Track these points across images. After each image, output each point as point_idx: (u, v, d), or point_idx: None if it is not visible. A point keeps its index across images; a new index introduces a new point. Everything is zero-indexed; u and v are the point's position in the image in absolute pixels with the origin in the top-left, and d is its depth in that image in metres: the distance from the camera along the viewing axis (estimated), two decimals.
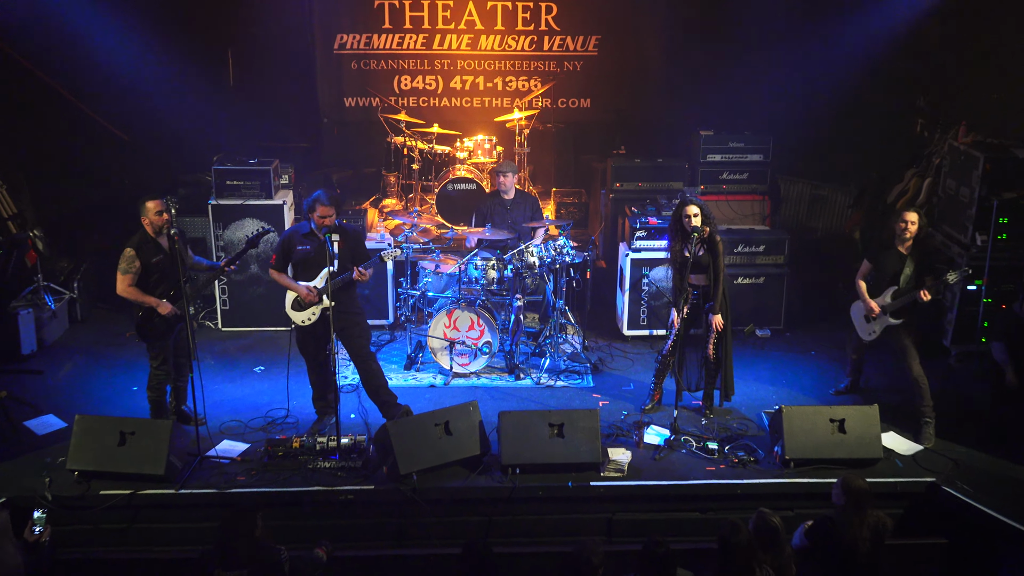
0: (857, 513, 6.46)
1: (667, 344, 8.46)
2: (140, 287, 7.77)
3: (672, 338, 8.40)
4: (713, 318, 8.24)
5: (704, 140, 11.26)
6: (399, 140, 11.95)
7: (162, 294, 7.82)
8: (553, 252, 9.36)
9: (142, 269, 7.74)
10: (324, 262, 7.77)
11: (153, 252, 7.78)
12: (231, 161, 10.42)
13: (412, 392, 9.02)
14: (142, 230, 7.79)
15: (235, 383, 9.24)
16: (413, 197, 11.99)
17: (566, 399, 8.97)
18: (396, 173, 12.17)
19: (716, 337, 8.34)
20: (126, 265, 7.73)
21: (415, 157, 11.85)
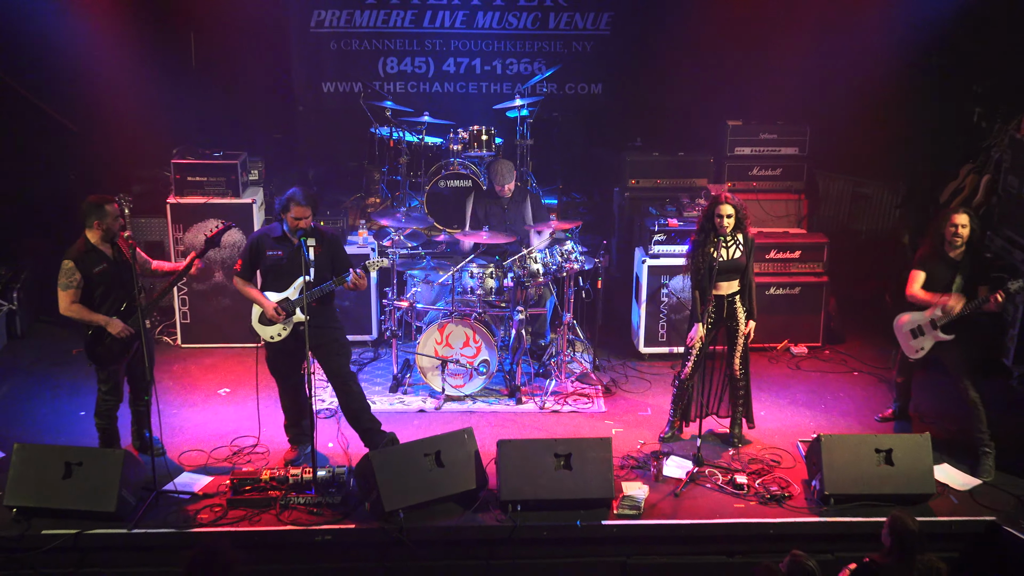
0: (906, 557, 6.44)
1: (687, 362, 8.46)
2: (84, 303, 7.75)
3: (692, 359, 8.40)
4: (749, 323, 8.28)
5: (732, 131, 11.27)
6: (385, 130, 11.96)
7: (111, 309, 7.80)
8: (559, 258, 9.37)
9: (84, 282, 7.72)
10: (298, 270, 7.77)
11: (95, 261, 7.73)
12: (192, 154, 10.43)
13: (398, 418, 9.01)
14: (82, 237, 7.76)
15: (196, 407, 9.23)
16: (400, 195, 11.99)
17: (574, 426, 8.97)
18: (381, 168, 12.18)
19: (741, 352, 8.34)
20: (66, 280, 7.70)
21: (402, 150, 11.86)
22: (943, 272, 8.21)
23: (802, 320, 10.32)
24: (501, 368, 9.60)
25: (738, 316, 8.32)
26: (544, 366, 9.78)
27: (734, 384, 8.49)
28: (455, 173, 11.50)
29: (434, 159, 11.98)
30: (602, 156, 12.56)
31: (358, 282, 7.87)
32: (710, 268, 8.16)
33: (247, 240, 8.18)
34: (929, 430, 7.97)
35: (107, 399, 8.01)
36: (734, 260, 8.19)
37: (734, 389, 8.51)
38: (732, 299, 8.31)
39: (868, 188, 12.07)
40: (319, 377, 9.20)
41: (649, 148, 11.58)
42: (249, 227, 10.18)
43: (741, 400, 8.55)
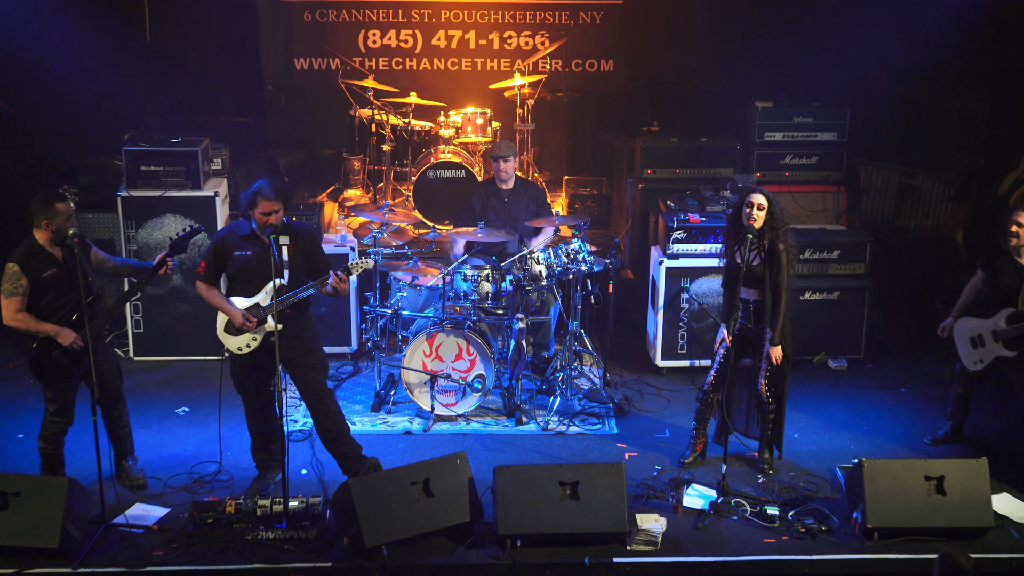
0: None
1: (710, 376, 8.47)
2: (30, 312, 7.74)
3: (716, 367, 8.42)
4: (771, 349, 8.27)
5: (761, 114, 11.30)
6: (365, 113, 11.99)
7: (62, 319, 7.79)
8: (565, 259, 9.38)
9: (31, 289, 7.71)
10: (269, 273, 7.77)
11: (44, 266, 7.73)
12: (147, 140, 10.44)
13: (382, 441, 9.02)
14: (29, 238, 7.75)
15: (151, 429, 9.23)
16: (384, 187, 12.02)
17: (582, 450, 8.98)
18: (362, 156, 12.21)
19: (769, 371, 8.36)
20: (11, 286, 7.68)
21: (386, 135, 11.88)
22: (1009, 277, 8.21)
23: (841, 329, 10.34)
24: (498, 384, 9.60)
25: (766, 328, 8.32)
26: (547, 382, 9.79)
27: (761, 407, 8.50)
28: (446, 162, 11.52)
29: (422, 146, 12.00)
30: (613, 142, 12.59)
31: (339, 286, 7.87)
32: (733, 271, 8.18)
33: (211, 239, 8.17)
34: (987, 454, 7.96)
35: (55, 420, 8.00)
36: (752, 267, 8.18)
37: (763, 409, 8.51)
38: (760, 307, 8.32)
39: (917, 179, 12.08)
40: (291, 394, 9.20)
41: (667, 133, 11.60)
42: (212, 224, 10.19)
43: (771, 422, 8.56)
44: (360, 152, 12.21)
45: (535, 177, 12.14)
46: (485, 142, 11.90)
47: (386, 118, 11.85)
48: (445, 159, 11.53)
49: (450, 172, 11.52)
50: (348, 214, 11.65)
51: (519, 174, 10.42)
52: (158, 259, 7.98)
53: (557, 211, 10.97)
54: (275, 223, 7.81)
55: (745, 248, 8.10)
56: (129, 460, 8.36)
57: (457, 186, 11.45)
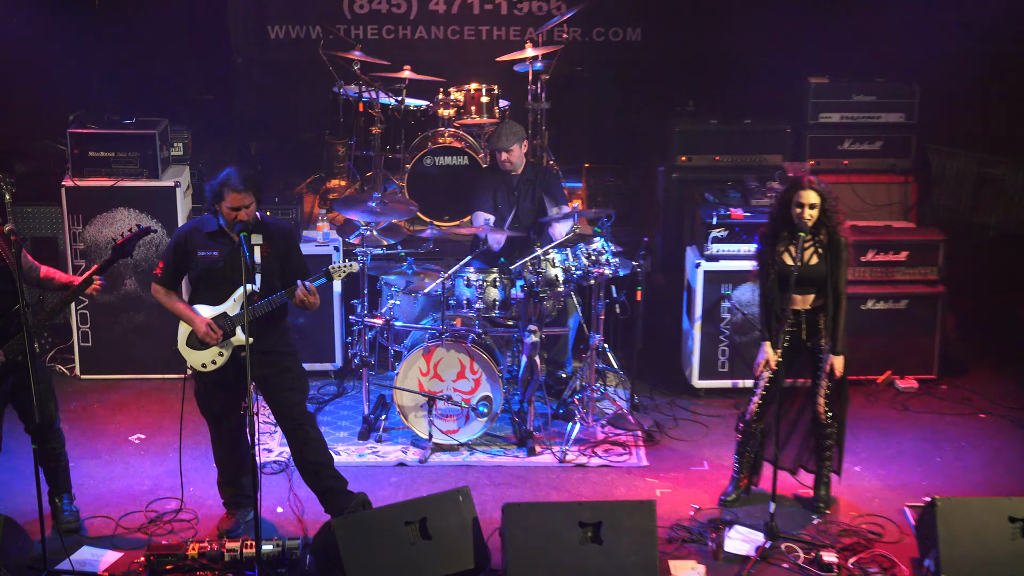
0: None
1: (752, 403, 8.47)
2: None
3: (760, 392, 8.40)
4: (832, 360, 8.26)
5: (815, 91, 11.29)
6: (352, 90, 11.98)
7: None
8: (585, 260, 9.37)
9: None
10: (239, 277, 7.77)
11: None
12: (95, 122, 10.46)
13: (371, 473, 9.02)
14: None
15: (100, 458, 9.25)
16: (373, 177, 12.01)
17: (606, 485, 8.97)
18: (347, 140, 12.20)
19: (829, 389, 8.35)
20: None
21: (376, 116, 11.88)
22: None
23: (910, 344, 10.33)
24: (507, 408, 9.60)
25: (821, 342, 8.31)
26: (565, 405, 9.79)
27: (819, 431, 8.48)
28: (446, 147, 11.52)
29: (418, 128, 11.99)
30: (642, 124, 12.57)
31: (306, 299, 7.86)
32: (783, 274, 8.16)
33: (172, 237, 8.17)
34: None
35: None
36: (809, 267, 8.18)
37: (819, 437, 8.49)
38: (814, 316, 8.31)
39: (998, 168, 12.03)
40: (266, 419, 9.20)
41: (705, 114, 11.59)
42: (172, 221, 10.20)
43: (828, 453, 8.54)
44: (345, 136, 12.20)
45: (550, 164, 12.12)
46: (492, 123, 11.87)
47: (375, 96, 11.84)
48: (445, 144, 11.52)
49: (450, 159, 11.52)
50: (331, 208, 11.64)
51: (531, 160, 10.39)
52: (85, 275, 7.92)
53: (576, 205, 10.96)
54: (246, 219, 7.80)
55: (798, 248, 8.08)
56: (65, 499, 8.33)
57: (459, 175, 11.44)
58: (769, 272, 8.25)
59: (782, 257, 8.21)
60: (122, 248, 7.97)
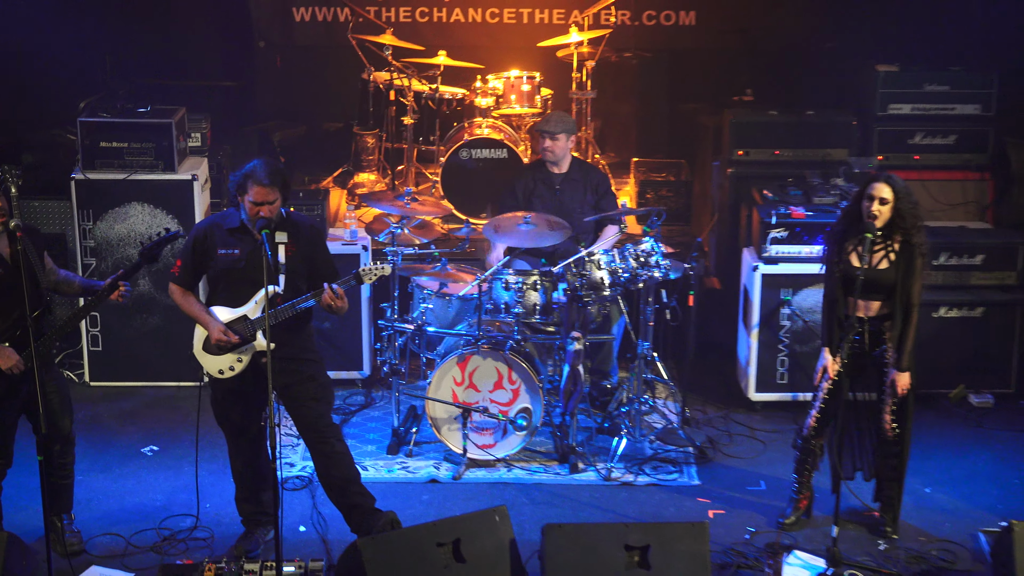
0: None
1: (810, 417, 8.43)
2: None
3: (819, 405, 8.38)
4: (897, 376, 8.23)
5: (884, 80, 11.25)
6: (382, 77, 12.01)
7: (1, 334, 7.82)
8: (633, 262, 9.36)
9: None
10: (260, 277, 7.78)
11: None
12: (108, 110, 10.51)
13: (401, 490, 9.03)
14: None
15: (110, 472, 9.28)
16: (404, 170, 12.03)
17: (654, 505, 8.95)
18: (377, 131, 12.23)
19: (896, 405, 8.32)
20: None
21: (408, 105, 11.90)
22: None
23: (986, 356, 10.27)
24: (548, 421, 9.60)
25: (887, 354, 8.27)
26: (610, 419, 9.78)
27: (885, 449, 8.45)
28: (483, 139, 11.52)
29: (453, 118, 12.01)
30: (695, 116, 12.56)
31: (334, 303, 7.85)
32: (848, 277, 8.14)
33: (190, 233, 8.19)
34: None
35: None
36: (877, 271, 8.14)
37: (886, 456, 8.46)
38: (879, 324, 8.27)
39: None
40: (288, 431, 9.22)
41: (763, 104, 11.57)
42: (188, 217, 10.25)
43: (895, 472, 8.51)
44: (375, 126, 12.23)
45: (595, 159, 12.13)
46: (533, 114, 11.89)
47: (408, 83, 11.86)
48: (482, 135, 11.53)
49: (488, 152, 11.52)
50: (360, 204, 11.68)
51: (576, 155, 10.40)
52: (109, 281, 7.95)
53: (624, 202, 10.96)
54: (268, 216, 7.81)
55: (865, 249, 8.05)
56: (64, 519, 8.35)
57: (497, 169, 11.45)
58: (834, 273, 8.23)
59: (849, 258, 8.17)
60: (148, 253, 8.04)
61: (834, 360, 8.23)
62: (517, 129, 11.84)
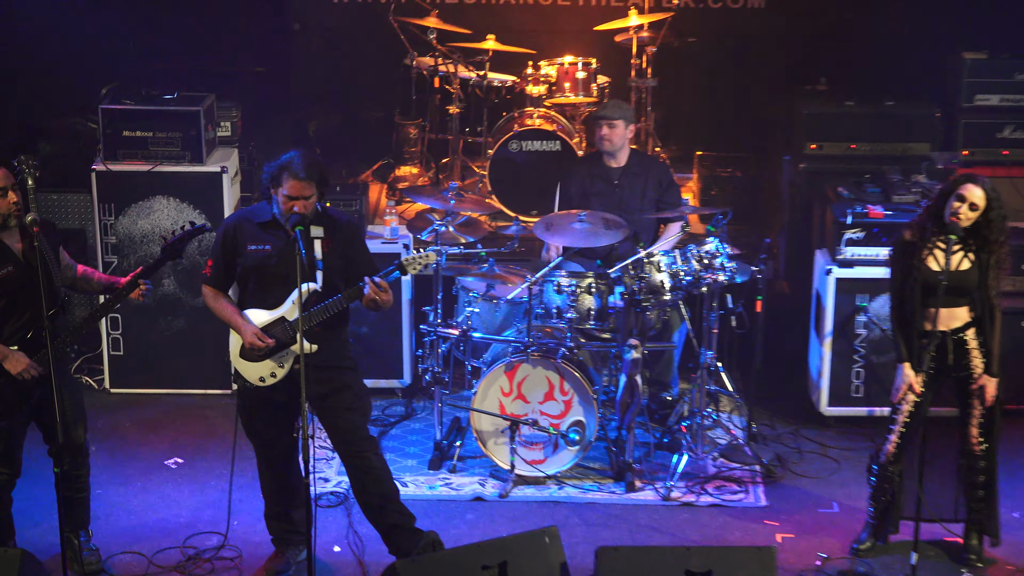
0: None
1: (891, 438, 8.38)
2: None
3: (900, 425, 8.32)
4: (986, 383, 8.17)
5: (970, 69, 11.19)
6: (426, 63, 12.03)
7: (14, 335, 7.87)
8: (696, 264, 9.34)
9: None
10: (294, 274, 7.78)
11: None
12: (132, 97, 10.56)
13: (443, 509, 9.05)
14: None
15: (131, 486, 9.33)
16: (450, 164, 12.05)
17: (717, 528, 8.94)
18: (420, 121, 12.25)
19: (982, 419, 8.27)
20: None
21: (454, 93, 11.92)
22: None
23: None
24: (603, 435, 9.59)
25: (972, 363, 8.22)
26: (670, 433, 9.77)
27: (971, 466, 8.40)
28: (535, 130, 11.52)
29: (502, 108, 12.01)
30: (764, 106, 12.54)
31: (378, 297, 7.82)
32: (928, 284, 8.09)
33: (219, 229, 8.21)
34: None
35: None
36: (960, 274, 8.09)
37: (971, 473, 8.41)
38: (961, 336, 8.22)
39: None
40: (321, 443, 9.24)
41: (839, 94, 11.51)
42: (217, 212, 10.30)
43: (981, 495, 8.46)
44: (418, 116, 12.25)
45: (656, 152, 12.11)
46: (588, 103, 11.88)
47: (454, 70, 11.88)
48: (533, 126, 11.53)
49: (540, 144, 11.52)
50: (401, 199, 11.70)
51: (634, 147, 10.38)
52: (128, 279, 7.98)
53: (686, 199, 10.94)
54: (304, 210, 7.81)
55: (947, 251, 8.00)
56: (82, 535, 8.37)
57: (549, 163, 11.44)
58: (909, 279, 8.17)
59: (926, 262, 8.11)
60: (172, 248, 8.01)
61: (915, 375, 8.17)
62: (571, 120, 11.84)
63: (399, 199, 11.72)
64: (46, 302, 7.61)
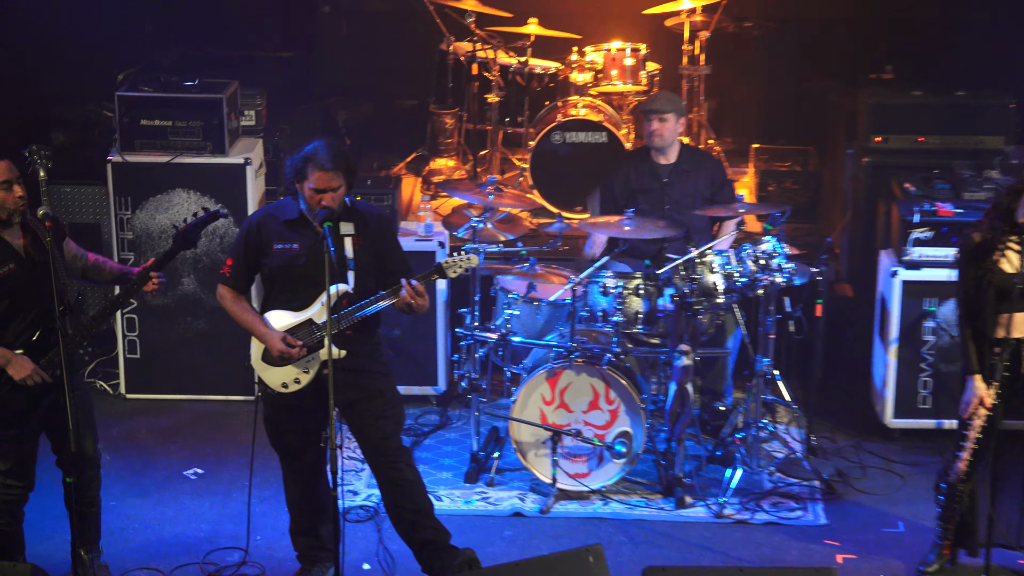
0: None
1: (962, 456, 8.35)
2: None
3: (972, 442, 8.30)
4: None
5: None
6: (463, 48, 12.04)
7: (18, 338, 7.87)
8: (752, 265, 9.32)
9: None
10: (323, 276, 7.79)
11: None
12: (151, 83, 10.60)
13: (480, 525, 9.06)
14: None
15: (150, 497, 9.37)
16: (488, 156, 12.06)
17: (773, 548, 8.91)
18: (457, 110, 12.26)
19: None
20: None
21: (493, 81, 11.92)
22: None
23: None
24: (651, 447, 9.59)
25: None
26: (724, 446, 9.75)
27: None
28: (579, 120, 11.52)
29: (545, 97, 12.02)
30: (826, 96, 12.52)
31: (414, 301, 7.82)
32: (1002, 288, 8.06)
33: (241, 226, 8.23)
34: None
35: (8, 485, 8.07)
36: None
37: None
38: None
39: None
40: (351, 454, 9.25)
41: (905, 83, 11.50)
42: (240, 206, 10.33)
43: None
44: (455, 104, 12.27)
45: (709, 145, 12.09)
46: (637, 92, 11.87)
47: (493, 56, 11.89)
48: (577, 116, 11.54)
49: (585, 135, 11.53)
50: (436, 194, 11.71)
51: (685, 140, 10.36)
52: (139, 271, 7.93)
53: (742, 195, 10.91)
54: (331, 205, 7.82)
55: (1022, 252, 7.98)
56: (92, 552, 8.39)
57: (594, 156, 11.45)
58: (980, 284, 8.12)
59: (999, 265, 8.07)
60: (184, 237, 7.97)
61: (987, 388, 8.13)
62: (619, 110, 11.84)
63: (434, 194, 11.73)
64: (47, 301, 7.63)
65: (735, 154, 12.53)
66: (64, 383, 7.62)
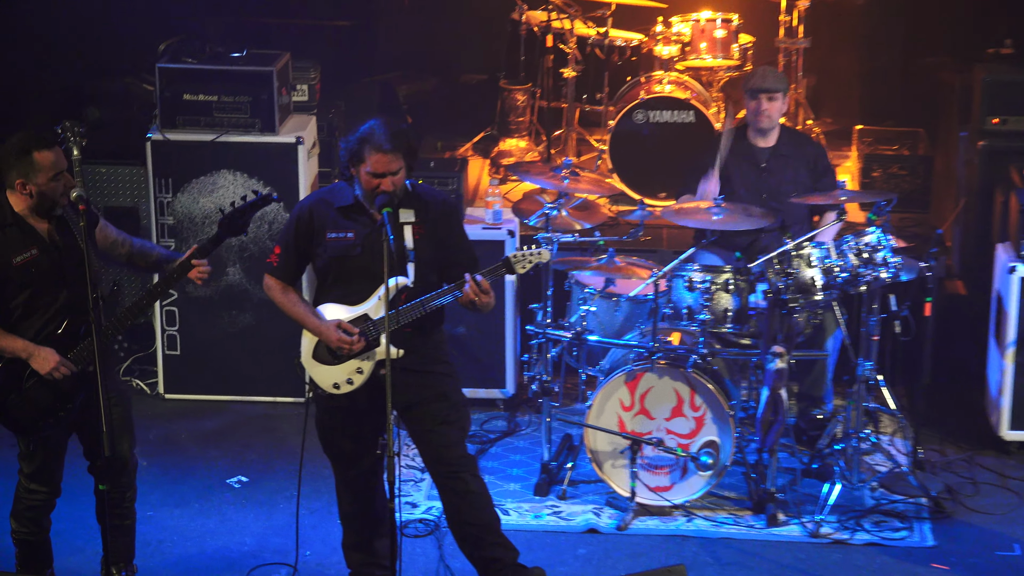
0: None
1: None
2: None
3: None
4: None
5: None
6: (537, 18, 12.04)
7: (41, 330, 7.90)
8: (854, 259, 9.28)
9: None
10: (381, 267, 7.80)
11: (17, 245, 7.82)
12: (195, 54, 10.64)
13: (551, 542, 9.06)
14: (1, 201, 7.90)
15: (190, 507, 9.42)
16: (563, 136, 12.05)
17: (875, 571, 8.89)
18: (529, 86, 12.27)
19: None
20: None
21: (570, 54, 11.92)
22: None
23: None
24: (740, 459, 9.57)
25: None
26: (821, 458, 9.71)
27: None
28: (664, 98, 11.51)
29: (627, 72, 12.01)
30: (937, 72, 12.48)
31: (478, 299, 7.81)
32: None
33: (292, 213, 8.24)
34: None
35: (32, 490, 8.13)
36: None
37: None
38: None
39: None
40: (410, 462, 9.27)
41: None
42: (292, 190, 10.36)
43: None
44: (527, 80, 12.28)
45: (808, 126, 12.05)
46: (728, 68, 11.85)
47: (570, 26, 11.89)
48: (662, 93, 11.53)
49: (670, 114, 11.53)
50: (506, 178, 11.73)
51: (785, 123, 10.33)
52: (181, 259, 7.92)
53: (843, 182, 10.86)
54: (390, 190, 7.83)
55: None
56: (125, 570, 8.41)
57: (681, 137, 11.44)
58: None
59: None
60: (232, 222, 7.94)
61: None
62: (707, 86, 11.83)
63: (503, 177, 11.75)
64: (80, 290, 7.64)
65: (836, 136, 12.50)
66: (98, 379, 7.64)
